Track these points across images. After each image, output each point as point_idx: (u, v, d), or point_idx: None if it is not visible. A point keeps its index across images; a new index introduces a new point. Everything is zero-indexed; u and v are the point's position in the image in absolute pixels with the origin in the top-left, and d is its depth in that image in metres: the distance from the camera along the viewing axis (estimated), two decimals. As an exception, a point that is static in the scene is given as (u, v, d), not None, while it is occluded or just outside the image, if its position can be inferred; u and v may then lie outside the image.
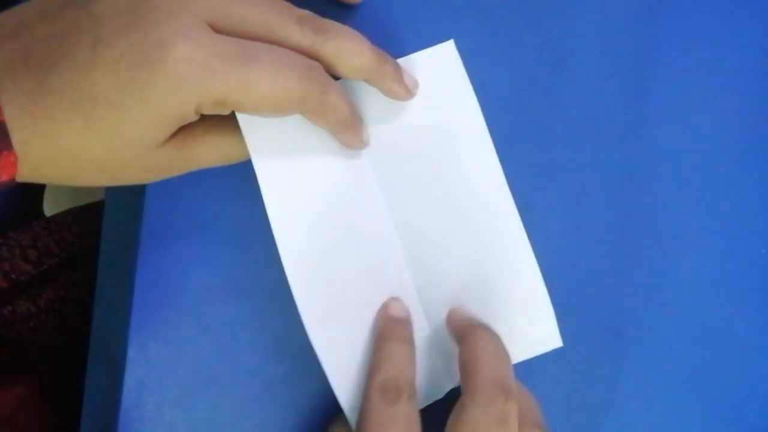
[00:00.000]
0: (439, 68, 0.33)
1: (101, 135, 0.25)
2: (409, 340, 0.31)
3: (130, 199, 0.34)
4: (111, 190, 0.36)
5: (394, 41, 0.34)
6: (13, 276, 0.46)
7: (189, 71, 0.25)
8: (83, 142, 0.25)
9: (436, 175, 0.33)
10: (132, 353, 0.33)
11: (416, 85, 0.33)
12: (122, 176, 0.27)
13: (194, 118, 0.26)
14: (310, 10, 0.29)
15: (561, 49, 0.35)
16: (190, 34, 0.25)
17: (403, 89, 0.32)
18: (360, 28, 0.33)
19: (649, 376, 0.35)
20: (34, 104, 0.24)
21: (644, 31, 0.35)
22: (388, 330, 0.31)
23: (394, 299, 0.33)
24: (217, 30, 0.26)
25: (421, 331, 0.33)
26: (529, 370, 0.33)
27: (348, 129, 0.31)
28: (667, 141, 0.36)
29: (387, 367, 0.29)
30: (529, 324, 0.33)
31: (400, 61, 0.33)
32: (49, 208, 0.54)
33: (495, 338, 0.30)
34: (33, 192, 0.53)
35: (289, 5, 0.28)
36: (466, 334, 0.30)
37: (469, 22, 0.35)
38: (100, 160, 0.26)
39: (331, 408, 0.34)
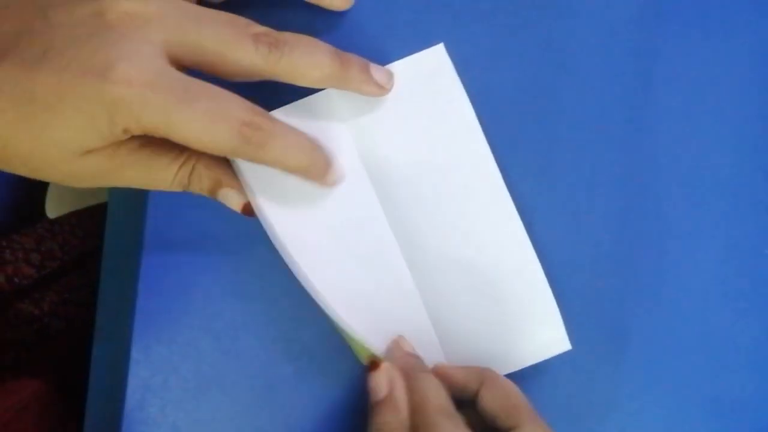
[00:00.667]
0: (430, 72, 0.33)
1: (31, 131, 0.25)
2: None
3: (134, 201, 0.34)
4: (114, 193, 0.36)
5: (395, 44, 0.34)
6: (16, 280, 0.46)
7: (124, 96, 0.25)
8: (12, 134, 0.26)
9: (433, 181, 0.33)
10: (136, 355, 0.33)
11: (390, 77, 0.32)
12: (46, 173, 0.27)
13: (123, 137, 0.27)
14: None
15: (562, 51, 0.35)
16: (136, 61, 0.25)
17: (374, 88, 0.31)
18: (361, 30, 0.33)
19: (651, 378, 0.35)
20: None
21: (645, 31, 0.36)
22: (411, 364, 0.32)
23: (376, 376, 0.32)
24: (175, 59, 0.26)
25: (428, 337, 0.33)
26: (532, 372, 0.33)
27: (307, 174, 0.30)
28: (669, 142, 0.36)
29: (431, 395, 0.29)
30: (536, 328, 0.33)
31: (390, 66, 0.33)
32: (51, 210, 0.54)
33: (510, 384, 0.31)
34: (36, 193, 0.53)
35: (247, 22, 0.28)
36: (485, 379, 0.31)
37: (470, 24, 0.35)
38: (26, 154, 0.26)
39: (335, 409, 0.34)
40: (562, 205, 0.35)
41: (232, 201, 0.31)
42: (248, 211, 0.31)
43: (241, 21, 0.28)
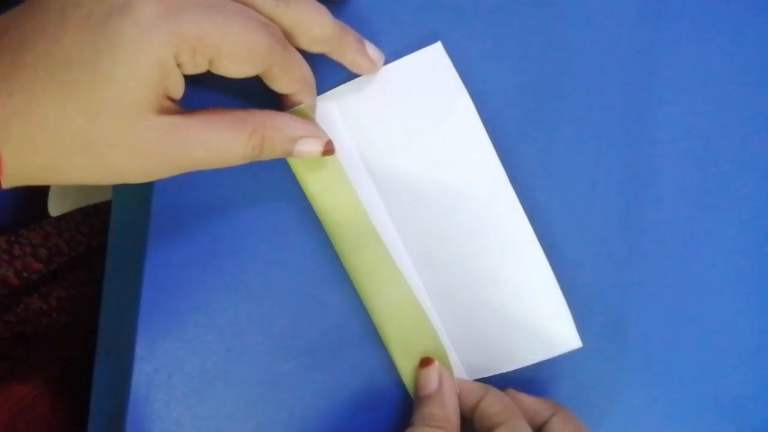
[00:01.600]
0: (429, 70, 0.33)
1: (80, 99, 0.24)
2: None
3: (138, 198, 0.35)
4: (118, 190, 0.36)
5: (395, 42, 0.34)
6: (24, 274, 0.47)
7: (159, 12, 0.24)
8: (62, 111, 0.24)
9: (436, 180, 0.33)
10: (140, 351, 0.33)
11: (381, 57, 0.33)
12: (108, 159, 0.26)
13: (176, 73, 0.26)
14: None
15: (564, 49, 0.35)
16: None
17: (366, 61, 0.32)
18: (360, 28, 0.33)
19: (652, 375, 0.35)
20: (9, 82, 0.24)
21: (647, 29, 0.35)
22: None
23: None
24: None
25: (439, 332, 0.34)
26: (533, 370, 0.33)
27: (310, 86, 0.31)
28: (671, 139, 0.35)
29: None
30: (547, 325, 0.33)
31: (389, 66, 0.33)
32: (54, 209, 0.54)
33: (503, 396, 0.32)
34: (39, 192, 0.53)
35: None
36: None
37: (471, 22, 0.35)
38: (82, 133, 0.25)
39: (337, 405, 0.34)
40: (564, 203, 0.35)
41: (313, 147, 0.31)
42: (330, 148, 0.31)
43: None
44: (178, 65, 0.26)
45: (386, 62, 0.33)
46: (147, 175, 0.27)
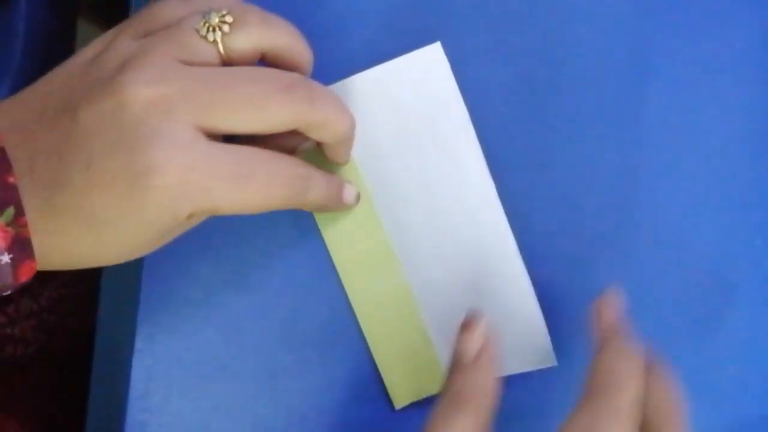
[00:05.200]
0: (426, 70, 0.33)
1: (111, 246, 0.26)
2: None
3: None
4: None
5: (392, 40, 0.34)
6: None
7: (183, 193, 0.25)
8: (96, 253, 0.26)
9: (425, 182, 0.34)
10: (139, 344, 0.33)
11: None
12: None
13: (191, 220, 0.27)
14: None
15: (559, 45, 0.36)
16: (180, 156, 0.25)
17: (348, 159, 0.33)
18: (357, 26, 0.33)
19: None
20: (46, 222, 0.25)
21: (641, 27, 0.36)
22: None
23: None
24: (210, 132, 0.26)
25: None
26: (524, 376, 0.34)
27: (331, 204, 0.32)
28: (662, 136, 0.36)
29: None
30: (523, 340, 0.33)
31: (387, 65, 0.33)
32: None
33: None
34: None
35: (275, 76, 0.27)
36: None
37: (467, 20, 0.35)
38: (113, 261, 0.27)
39: (336, 398, 0.34)
40: (558, 199, 0.35)
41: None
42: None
43: (269, 74, 0.27)
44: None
45: (382, 60, 0.33)
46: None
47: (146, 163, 0.24)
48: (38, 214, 0.25)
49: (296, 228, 0.34)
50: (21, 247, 0.25)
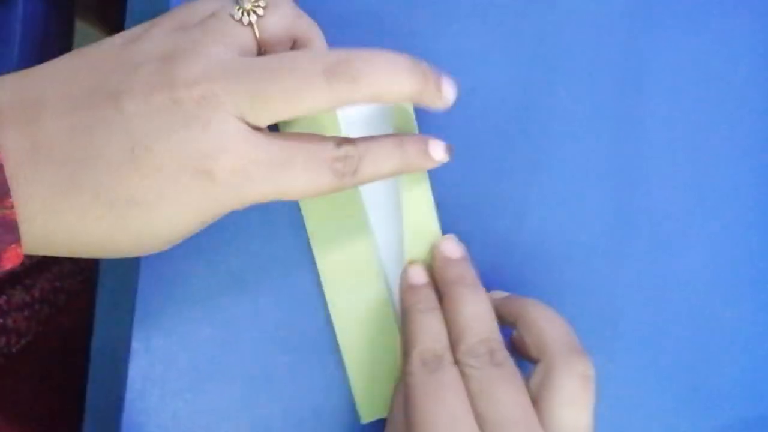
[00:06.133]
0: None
1: (131, 232, 0.25)
2: (434, 306, 0.31)
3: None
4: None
5: (391, 39, 0.34)
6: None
7: (232, 183, 0.25)
8: (111, 237, 0.25)
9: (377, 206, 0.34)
10: (136, 345, 0.33)
11: (451, 92, 0.30)
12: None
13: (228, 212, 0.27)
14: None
15: (555, 45, 0.35)
16: (229, 145, 0.25)
17: (442, 102, 0.30)
18: (351, 25, 0.33)
19: (640, 366, 0.36)
20: (60, 199, 0.24)
21: (637, 26, 0.36)
22: (412, 300, 0.32)
23: (413, 264, 0.33)
24: (255, 124, 0.26)
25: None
26: (524, 364, 0.34)
27: (411, 167, 0.31)
28: (660, 134, 0.36)
29: (421, 338, 0.30)
30: None
31: None
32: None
33: (550, 310, 0.31)
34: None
35: (313, 57, 0.26)
36: (523, 314, 0.31)
37: (464, 18, 0.35)
38: (123, 251, 0.26)
39: (334, 399, 0.34)
40: (553, 198, 0.36)
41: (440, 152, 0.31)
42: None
43: (306, 59, 0.26)
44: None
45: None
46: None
47: (196, 152, 0.25)
48: (50, 191, 0.24)
49: (293, 230, 0.34)
50: (5, 230, 0.24)
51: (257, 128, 0.26)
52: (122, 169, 0.24)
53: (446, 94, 0.29)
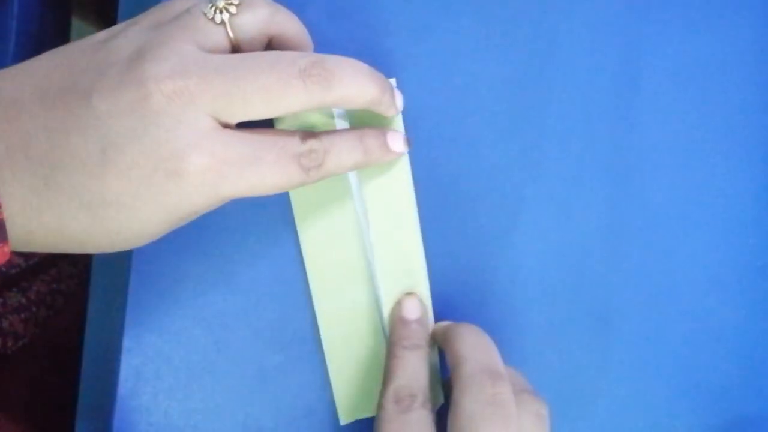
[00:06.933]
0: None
1: (109, 231, 0.26)
2: (421, 345, 0.32)
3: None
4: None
5: (385, 36, 0.34)
6: (3, 269, 0.46)
7: (204, 180, 0.25)
8: (89, 236, 0.26)
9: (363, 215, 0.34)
10: (128, 343, 0.33)
11: (401, 102, 0.33)
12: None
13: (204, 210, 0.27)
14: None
15: (552, 42, 0.36)
16: (202, 144, 0.25)
17: (393, 110, 0.32)
18: (348, 20, 0.33)
19: (637, 364, 0.36)
20: (38, 199, 0.25)
21: (634, 23, 0.36)
22: (401, 335, 0.32)
23: (409, 296, 0.34)
24: (226, 122, 0.26)
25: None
26: (520, 359, 0.34)
27: (371, 159, 0.31)
28: (657, 133, 0.36)
29: (400, 374, 0.30)
30: None
31: None
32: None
33: (475, 331, 0.31)
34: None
35: (291, 58, 0.27)
36: (447, 336, 0.31)
37: (460, 14, 0.35)
38: (103, 247, 0.27)
39: (326, 397, 0.34)
40: (549, 196, 0.36)
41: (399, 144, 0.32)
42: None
43: (284, 59, 0.27)
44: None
45: (374, 59, 0.33)
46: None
47: (170, 150, 0.25)
48: (30, 191, 0.24)
49: (285, 227, 0.34)
50: None
51: (227, 125, 0.26)
52: (96, 170, 0.25)
53: (398, 102, 0.32)
